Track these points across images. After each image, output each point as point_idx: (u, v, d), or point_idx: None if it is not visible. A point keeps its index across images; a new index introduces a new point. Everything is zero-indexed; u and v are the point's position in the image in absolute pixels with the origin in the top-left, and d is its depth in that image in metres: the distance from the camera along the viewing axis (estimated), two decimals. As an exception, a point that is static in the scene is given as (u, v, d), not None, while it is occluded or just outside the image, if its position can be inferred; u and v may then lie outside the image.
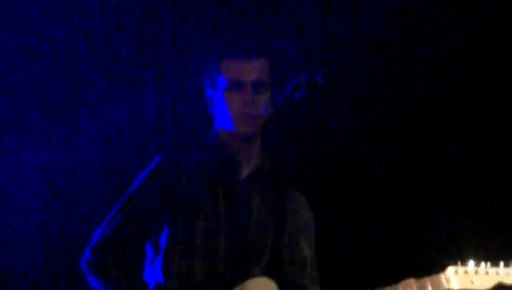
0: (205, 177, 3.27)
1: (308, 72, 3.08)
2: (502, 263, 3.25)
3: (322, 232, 3.43)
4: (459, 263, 3.24)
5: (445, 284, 3.20)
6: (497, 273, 3.24)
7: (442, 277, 3.21)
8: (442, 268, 3.24)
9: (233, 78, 3.25)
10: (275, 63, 3.35)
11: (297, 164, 4.08)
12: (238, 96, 3.23)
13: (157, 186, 3.23)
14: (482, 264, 3.25)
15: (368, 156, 4.50)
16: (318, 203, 3.47)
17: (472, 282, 3.21)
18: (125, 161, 4.45)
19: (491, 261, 3.27)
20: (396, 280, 3.23)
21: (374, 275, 3.44)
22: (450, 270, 3.22)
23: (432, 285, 3.19)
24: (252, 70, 3.26)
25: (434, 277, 3.21)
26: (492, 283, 3.23)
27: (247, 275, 3.20)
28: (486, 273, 3.23)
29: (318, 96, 3.06)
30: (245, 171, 3.31)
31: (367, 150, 4.55)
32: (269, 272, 3.26)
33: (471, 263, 3.25)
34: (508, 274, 3.24)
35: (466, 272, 3.22)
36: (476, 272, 3.23)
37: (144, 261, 3.29)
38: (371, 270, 3.75)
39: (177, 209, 3.23)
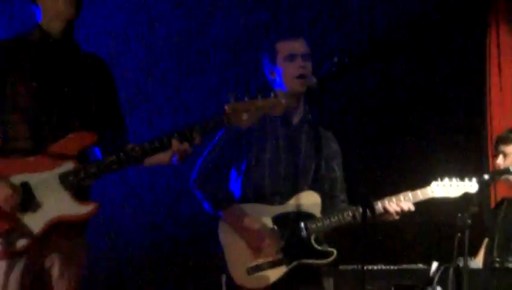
0: (269, 124, 4.45)
1: (339, 55, 4.13)
2: (466, 179, 4.58)
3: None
4: (439, 179, 4.51)
5: (430, 193, 4.47)
6: (464, 185, 4.54)
7: (428, 189, 4.48)
8: (428, 184, 4.50)
9: (289, 52, 4.42)
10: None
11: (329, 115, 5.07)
12: (294, 64, 4.40)
13: (237, 130, 4.36)
14: (454, 179, 4.54)
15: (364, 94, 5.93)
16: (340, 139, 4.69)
17: (448, 192, 4.51)
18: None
19: (460, 177, 4.57)
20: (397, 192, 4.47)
21: (380, 189, 4.55)
22: (434, 184, 4.50)
23: (422, 194, 4.46)
24: (301, 46, 4.45)
25: (423, 189, 4.48)
26: (461, 191, 4.52)
27: (298, 190, 4.40)
28: (457, 186, 4.52)
29: (345, 71, 4.08)
30: (295, 119, 4.51)
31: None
32: (313, 187, 4.44)
33: (446, 179, 4.52)
34: (471, 186, 4.54)
35: (444, 185, 4.50)
36: (451, 185, 4.50)
37: (230, 180, 4.51)
38: (380, 186, 4.92)
39: (251, 147, 4.42)
